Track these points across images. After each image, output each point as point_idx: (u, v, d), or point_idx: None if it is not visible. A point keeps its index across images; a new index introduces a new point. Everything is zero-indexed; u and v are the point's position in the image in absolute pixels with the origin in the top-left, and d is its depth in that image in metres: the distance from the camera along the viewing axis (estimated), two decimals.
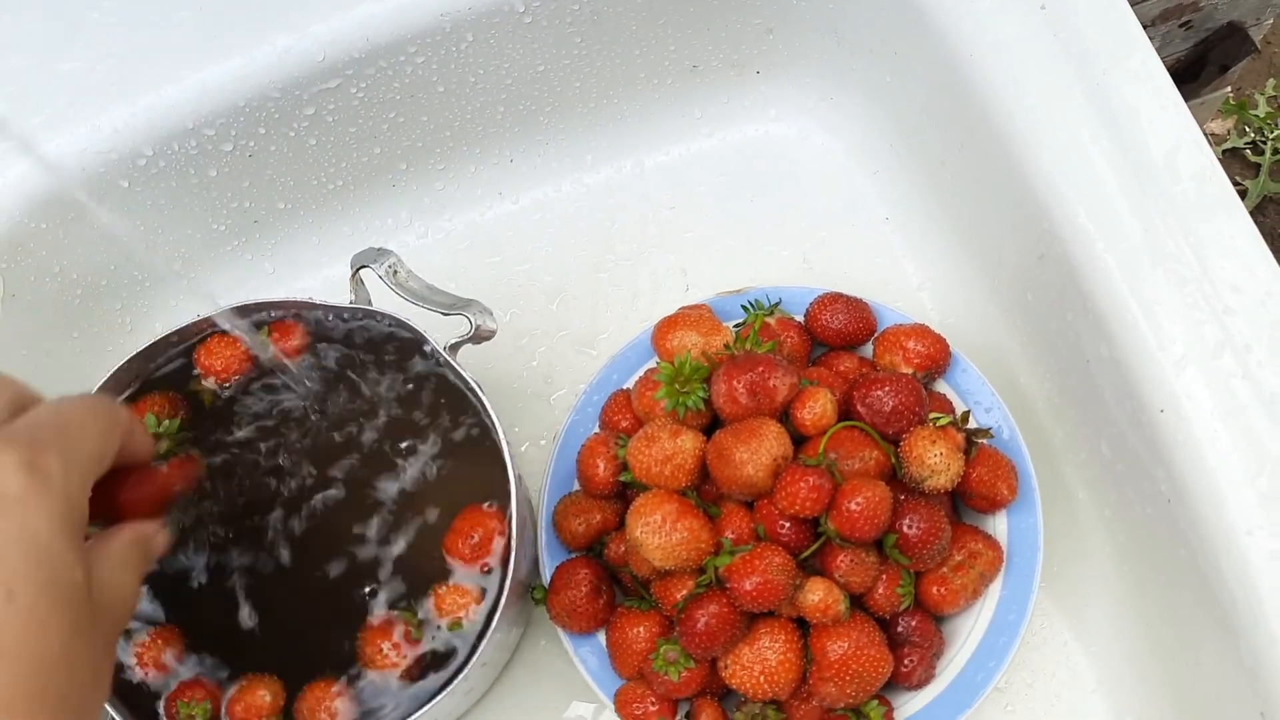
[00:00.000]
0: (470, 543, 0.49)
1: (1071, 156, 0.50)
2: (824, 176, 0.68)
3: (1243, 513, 0.44)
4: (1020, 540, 0.55)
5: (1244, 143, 1.70)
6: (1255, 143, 1.70)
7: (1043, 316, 0.55)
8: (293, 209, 0.66)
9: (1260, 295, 0.46)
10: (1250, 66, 1.77)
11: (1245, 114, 1.71)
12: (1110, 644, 0.56)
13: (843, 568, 0.51)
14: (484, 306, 0.54)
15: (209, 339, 0.52)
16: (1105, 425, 0.52)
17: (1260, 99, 1.73)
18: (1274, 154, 1.69)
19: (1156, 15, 1.13)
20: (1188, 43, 1.21)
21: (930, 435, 0.52)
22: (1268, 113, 1.72)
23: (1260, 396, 0.45)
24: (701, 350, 0.57)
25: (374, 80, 0.59)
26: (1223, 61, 1.23)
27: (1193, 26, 1.18)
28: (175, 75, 0.56)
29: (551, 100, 0.66)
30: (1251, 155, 1.70)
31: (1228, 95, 1.72)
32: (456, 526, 0.49)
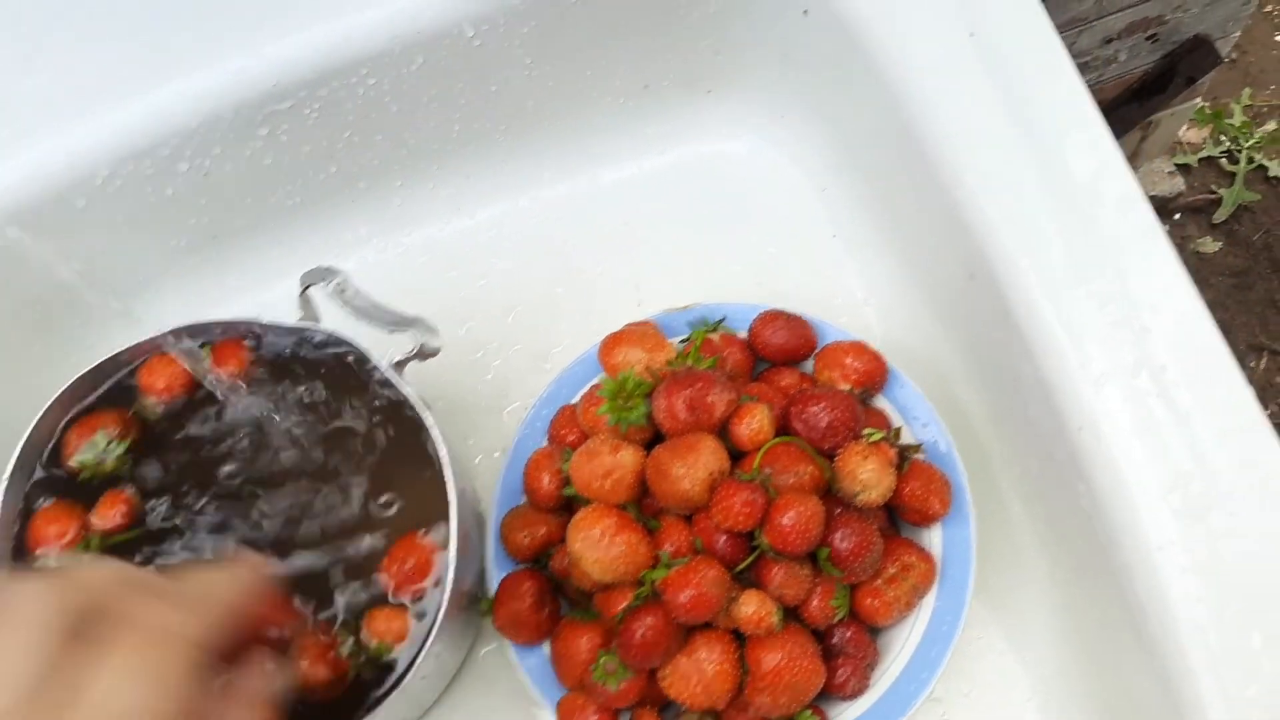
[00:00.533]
0: (405, 569, 0.50)
1: (998, 179, 0.51)
2: (775, 193, 0.69)
3: (1156, 528, 0.46)
4: (954, 553, 0.56)
5: (1219, 151, 1.72)
6: (1231, 151, 1.72)
7: (976, 334, 0.56)
8: (252, 225, 0.67)
9: (1176, 315, 0.48)
10: (1226, 75, 1.78)
11: (1221, 123, 1.72)
12: (1044, 654, 0.58)
13: (777, 580, 0.53)
14: (429, 325, 0.55)
15: (152, 358, 0.53)
16: (1033, 441, 0.54)
17: (1236, 108, 1.75)
18: (1249, 163, 1.70)
19: (1123, 28, 1.14)
20: (1155, 55, 1.22)
21: (863, 451, 0.53)
22: (1243, 121, 1.73)
23: (1175, 415, 0.47)
24: (645, 366, 0.58)
25: (327, 101, 0.60)
26: (1190, 73, 1.24)
27: (1159, 39, 1.19)
28: (129, 96, 0.57)
29: (506, 118, 0.67)
30: (1227, 164, 1.72)
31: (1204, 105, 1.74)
32: (394, 553, 0.50)
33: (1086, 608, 0.54)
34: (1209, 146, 1.72)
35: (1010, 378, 0.53)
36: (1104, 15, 1.10)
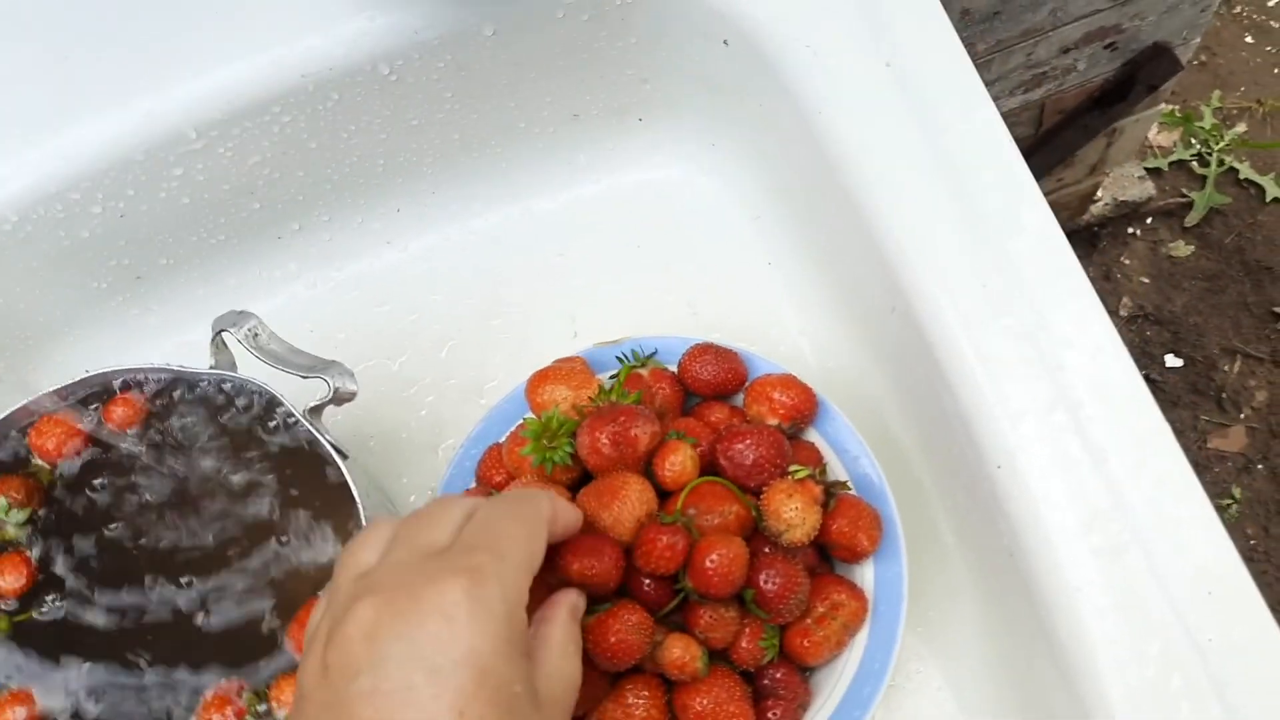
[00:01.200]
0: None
1: (914, 212, 0.50)
2: (709, 222, 0.68)
3: (1074, 567, 0.45)
4: (885, 589, 0.55)
5: (1190, 154, 1.71)
6: (1201, 154, 1.71)
7: (902, 367, 0.56)
8: (175, 264, 0.66)
9: (1091, 350, 0.47)
10: (1196, 78, 1.78)
11: (1191, 126, 1.72)
12: (979, 688, 0.57)
13: (703, 623, 0.52)
14: (345, 368, 0.54)
15: (40, 420, 0.52)
16: (960, 476, 0.53)
17: (1206, 110, 1.74)
18: (1220, 165, 1.70)
19: (1080, 37, 1.14)
20: (1114, 64, 1.21)
21: (787, 489, 0.52)
22: (1213, 124, 1.73)
23: (1090, 452, 0.46)
24: (571, 404, 0.57)
25: (241, 140, 0.59)
26: (1150, 81, 1.24)
27: (1118, 48, 1.19)
28: (34, 140, 0.56)
29: (432, 151, 0.66)
30: (1198, 167, 1.71)
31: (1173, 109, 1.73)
32: (301, 617, 0.49)
33: (1016, 644, 0.53)
34: (1179, 150, 1.72)
35: (935, 411, 0.53)
36: (1060, 25, 1.10)
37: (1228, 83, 1.78)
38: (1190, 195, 1.68)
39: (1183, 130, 1.74)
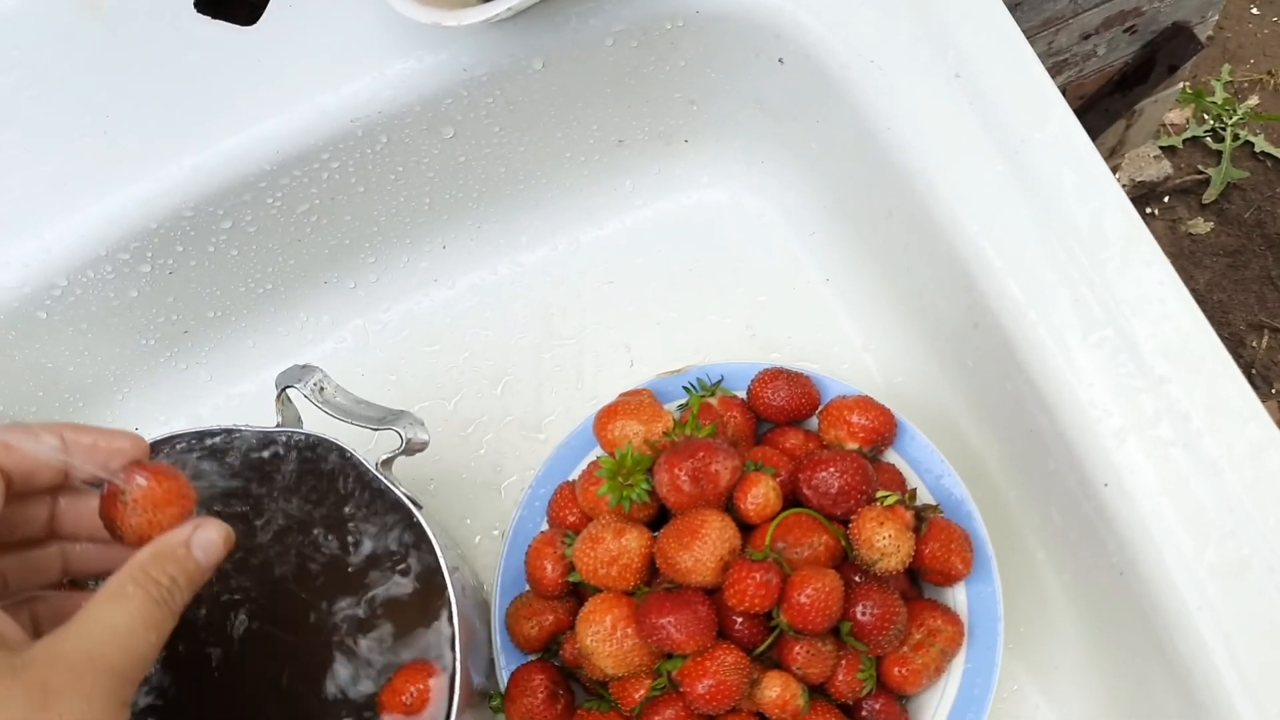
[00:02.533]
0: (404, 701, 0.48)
1: (996, 225, 0.49)
2: (761, 241, 0.67)
3: (1194, 587, 0.43)
4: (980, 610, 0.54)
5: (1204, 130, 1.70)
6: (1215, 129, 1.70)
7: (984, 383, 0.54)
8: (223, 316, 0.64)
9: (1194, 361, 0.45)
10: (1205, 53, 1.76)
11: (1203, 102, 1.70)
12: (1080, 706, 0.55)
13: (800, 659, 0.50)
14: (415, 418, 0.53)
15: None
16: (1054, 493, 0.51)
17: (1217, 85, 1.73)
18: (1234, 140, 1.68)
19: (1100, 23, 1.13)
20: (1134, 46, 1.20)
21: (878, 516, 0.51)
22: (1225, 98, 1.71)
23: (1201, 466, 0.44)
24: (644, 439, 0.56)
25: (289, 189, 0.57)
26: (1171, 61, 1.23)
27: (1137, 30, 1.17)
28: (82, 203, 0.54)
29: (478, 186, 0.65)
30: (1212, 143, 1.70)
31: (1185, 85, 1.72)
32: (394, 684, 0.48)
33: (1122, 663, 0.52)
34: (1193, 127, 1.70)
35: (1024, 429, 0.51)
36: (1080, 12, 1.09)
37: (1237, 56, 1.77)
38: (1207, 171, 1.67)
39: (1195, 107, 1.73)
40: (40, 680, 0.31)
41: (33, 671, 0.31)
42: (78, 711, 0.31)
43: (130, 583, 0.34)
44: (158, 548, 0.36)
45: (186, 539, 0.37)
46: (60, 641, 0.32)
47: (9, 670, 0.30)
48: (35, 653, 0.31)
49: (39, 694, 0.30)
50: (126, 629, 0.33)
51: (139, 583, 0.34)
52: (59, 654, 0.32)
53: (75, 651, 0.32)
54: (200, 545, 0.37)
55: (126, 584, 0.34)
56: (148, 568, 0.35)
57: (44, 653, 0.32)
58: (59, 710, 0.30)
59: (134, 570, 0.35)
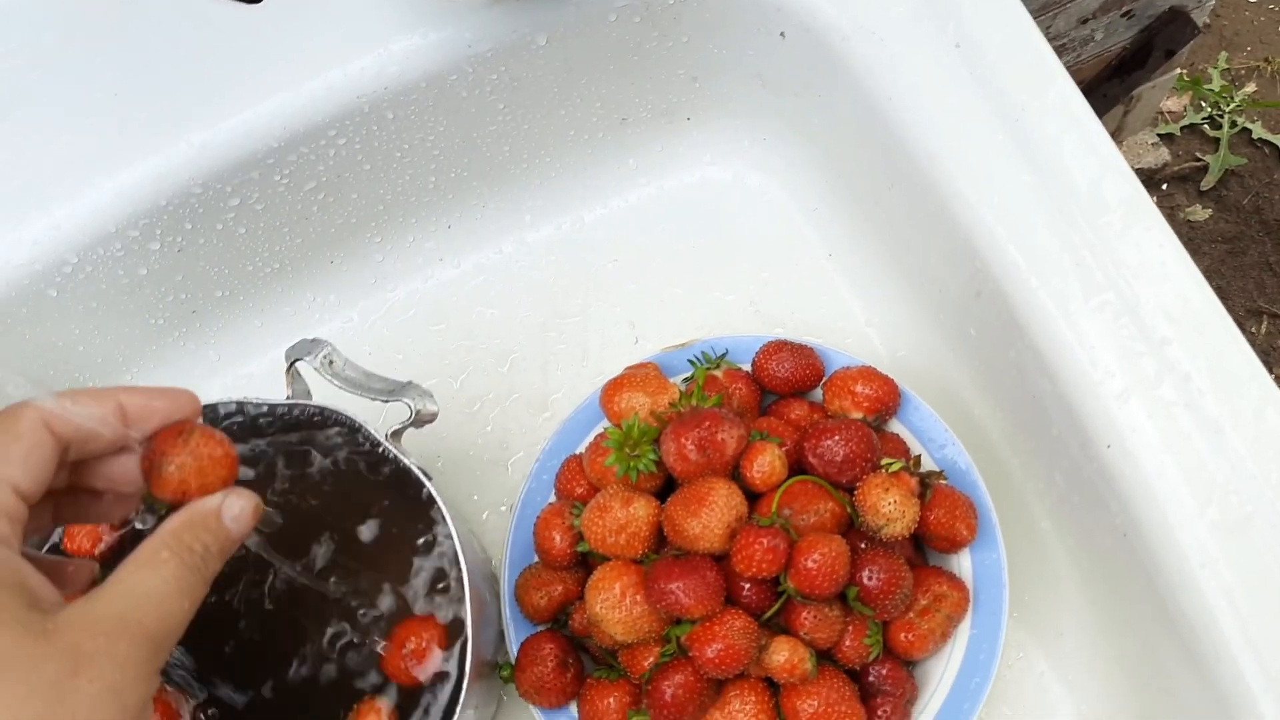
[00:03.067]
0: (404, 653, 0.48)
1: (997, 194, 0.49)
2: (763, 218, 0.67)
3: (1196, 545, 0.44)
4: (985, 577, 0.55)
5: (1201, 118, 1.70)
6: (1212, 117, 1.70)
7: (987, 351, 0.55)
8: (231, 296, 0.65)
9: (1196, 323, 0.46)
10: (1201, 41, 1.77)
11: (1200, 89, 1.71)
12: (1086, 672, 0.56)
13: (807, 624, 0.51)
14: (423, 390, 0.53)
15: None
16: (1057, 458, 0.52)
17: (1214, 73, 1.73)
18: (1232, 127, 1.69)
19: (1098, 7, 1.13)
20: (1131, 31, 1.21)
21: (883, 483, 0.52)
22: (1223, 86, 1.72)
23: (1203, 426, 0.45)
24: (650, 410, 0.56)
25: (296, 166, 0.58)
26: (1168, 46, 1.23)
27: (1134, 15, 1.18)
28: (92, 180, 0.55)
29: (483, 165, 0.65)
30: (1210, 130, 1.70)
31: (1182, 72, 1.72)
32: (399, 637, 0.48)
33: (1127, 625, 0.52)
34: (1190, 114, 1.71)
35: (1027, 395, 0.52)
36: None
37: (1233, 43, 1.77)
38: (1205, 159, 1.67)
39: (1192, 94, 1.73)
40: (73, 644, 0.30)
41: (65, 635, 0.30)
42: (109, 677, 0.30)
43: (165, 549, 0.34)
44: (191, 515, 0.36)
45: (218, 508, 0.36)
46: (94, 605, 0.32)
47: (41, 632, 0.30)
48: (68, 615, 0.31)
49: (70, 658, 0.30)
50: (160, 594, 0.33)
51: (173, 549, 0.34)
52: (93, 618, 0.31)
53: (109, 616, 0.32)
54: (232, 515, 0.37)
55: (161, 550, 0.34)
56: (181, 535, 0.35)
57: (78, 616, 0.31)
58: (90, 675, 0.30)
59: (167, 537, 0.34)
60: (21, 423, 0.34)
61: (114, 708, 0.30)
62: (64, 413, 0.35)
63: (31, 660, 0.30)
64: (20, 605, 0.31)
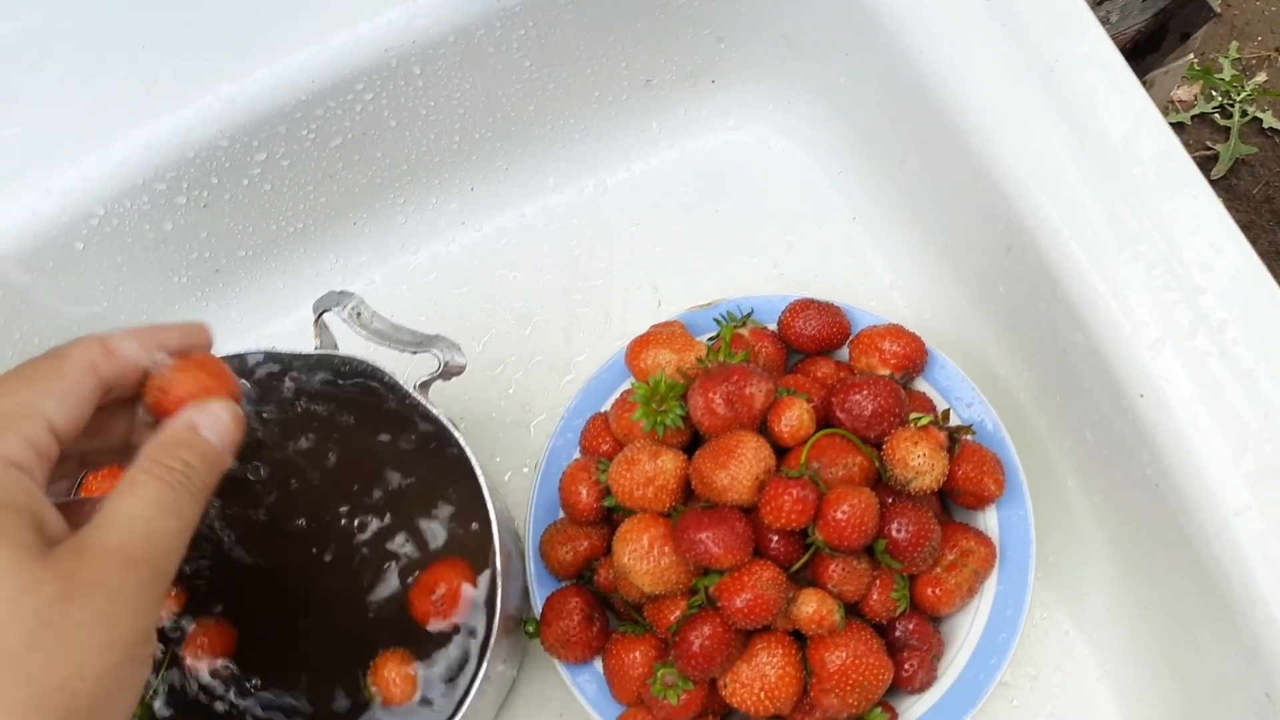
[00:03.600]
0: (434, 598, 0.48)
1: (1030, 146, 0.49)
2: (787, 181, 0.67)
3: (1230, 493, 0.44)
4: (1012, 534, 0.55)
5: (1212, 107, 1.70)
6: (1223, 106, 1.70)
7: (1016, 308, 0.55)
8: (254, 255, 0.65)
9: (1230, 272, 0.46)
10: (1212, 30, 1.77)
11: (1210, 78, 1.71)
12: (1111, 631, 0.56)
13: (835, 577, 0.51)
14: (451, 342, 0.53)
15: None
16: (1088, 412, 0.52)
17: (1224, 62, 1.73)
18: (1243, 116, 1.69)
19: None
20: (1146, 13, 1.21)
21: (912, 436, 0.52)
22: (1233, 75, 1.72)
23: (1238, 374, 0.45)
24: (676, 367, 0.56)
25: (323, 121, 0.58)
26: (1183, 29, 1.23)
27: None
28: (120, 132, 0.55)
29: (507, 126, 0.65)
30: (1220, 119, 1.70)
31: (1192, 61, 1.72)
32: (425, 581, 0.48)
33: (1152, 579, 0.52)
34: (1200, 103, 1.71)
35: (1057, 350, 0.52)
36: None
37: (1244, 33, 1.77)
38: (1215, 148, 1.67)
39: (1203, 83, 1.73)
40: (67, 570, 0.31)
41: (62, 562, 0.31)
42: (100, 606, 0.30)
43: (141, 473, 0.34)
44: (163, 435, 0.35)
45: (190, 423, 0.36)
46: (85, 536, 0.32)
47: (40, 557, 0.30)
48: (65, 546, 0.31)
49: (64, 584, 0.30)
50: (143, 516, 0.33)
51: (149, 471, 0.34)
52: (85, 546, 0.32)
53: (98, 544, 0.32)
54: (208, 427, 0.36)
55: (138, 475, 0.34)
56: (156, 455, 0.34)
57: (72, 545, 0.32)
58: (82, 603, 0.30)
59: (143, 460, 0.34)
60: (67, 362, 0.35)
61: (103, 636, 0.30)
62: (111, 354, 0.35)
63: (25, 585, 0.30)
64: (26, 530, 0.31)
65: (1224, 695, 0.49)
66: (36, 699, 0.29)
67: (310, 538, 0.50)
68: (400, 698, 0.48)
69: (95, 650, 0.30)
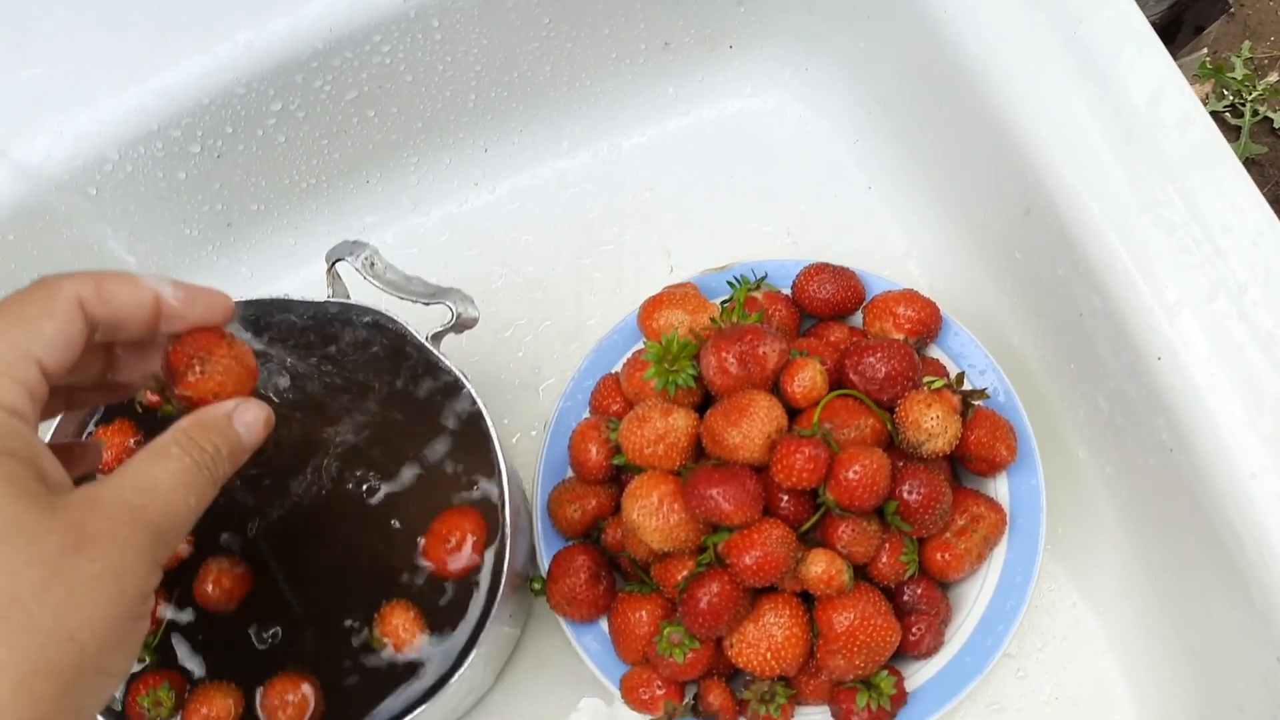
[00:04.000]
0: (448, 546, 0.48)
1: (1052, 108, 0.49)
2: (803, 149, 0.67)
3: (1246, 455, 0.44)
4: (1022, 502, 0.54)
5: (1223, 106, 1.70)
6: (1234, 105, 1.70)
7: (1032, 274, 0.54)
8: (266, 210, 0.64)
9: (1252, 235, 0.45)
10: (1225, 29, 1.76)
11: (1222, 77, 1.70)
12: (1119, 603, 0.56)
13: (845, 538, 0.50)
14: (464, 294, 0.53)
15: None
16: (1102, 379, 0.52)
17: (1237, 61, 1.73)
18: (1253, 116, 1.68)
19: None
20: (1161, 5, 1.20)
21: (925, 399, 0.51)
22: (1245, 74, 1.71)
23: (1257, 337, 0.45)
24: (689, 328, 0.56)
25: (339, 72, 0.58)
26: (1198, 22, 1.23)
27: None
28: (137, 77, 0.55)
29: (523, 86, 0.65)
30: (1231, 118, 1.70)
31: (1205, 59, 1.72)
32: (437, 530, 0.48)
33: (1162, 548, 0.52)
34: (1212, 102, 1.70)
35: (1073, 315, 0.51)
36: None
37: (1257, 33, 1.77)
38: None
39: (1214, 82, 1.73)
40: (77, 522, 0.30)
41: (71, 513, 0.30)
42: (109, 559, 0.30)
43: (175, 445, 0.34)
44: (202, 417, 0.36)
45: (231, 413, 0.36)
46: (102, 489, 0.32)
47: (48, 506, 0.30)
48: (76, 496, 0.31)
49: (74, 535, 0.30)
50: (167, 487, 0.33)
51: (183, 446, 0.34)
52: (99, 499, 0.31)
53: (115, 500, 0.31)
54: (244, 422, 0.36)
55: (171, 445, 0.34)
56: (193, 434, 0.35)
57: (84, 497, 0.31)
58: (91, 555, 0.30)
59: (178, 434, 0.34)
60: (57, 299, 0.33)
61: (112, 589, 0.30)
62: (104, 294, 0.34)
63: (35, 532, 0.29)
64: (30, 478, 0.30)
65: (1233, 665, 0.49)
66: (45, 648, 0.28)
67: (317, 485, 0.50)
68: (406, 646, 0.48)
69: (104, 602, 0.30)
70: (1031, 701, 0.56)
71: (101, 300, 0.34)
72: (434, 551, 0.48)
